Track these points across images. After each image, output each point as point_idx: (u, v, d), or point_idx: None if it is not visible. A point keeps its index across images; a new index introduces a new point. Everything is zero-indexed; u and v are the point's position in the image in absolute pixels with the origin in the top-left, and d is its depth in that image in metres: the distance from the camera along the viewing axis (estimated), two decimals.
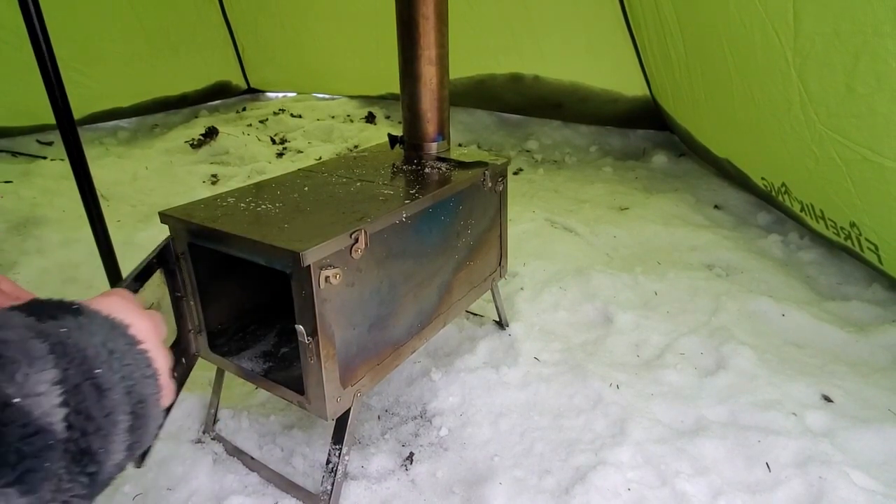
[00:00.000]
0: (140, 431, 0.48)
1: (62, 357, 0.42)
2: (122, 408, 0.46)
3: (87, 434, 0.42)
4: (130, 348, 0.49)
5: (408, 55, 1.54)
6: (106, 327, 0.49)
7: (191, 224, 1.15)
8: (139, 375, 0.49)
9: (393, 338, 1.30)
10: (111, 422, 0.44)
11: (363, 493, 1.27)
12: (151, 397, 0.50)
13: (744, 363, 1.64)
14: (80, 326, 0.47)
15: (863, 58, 1.46)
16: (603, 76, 3.60)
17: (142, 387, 0.49)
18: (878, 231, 1.76)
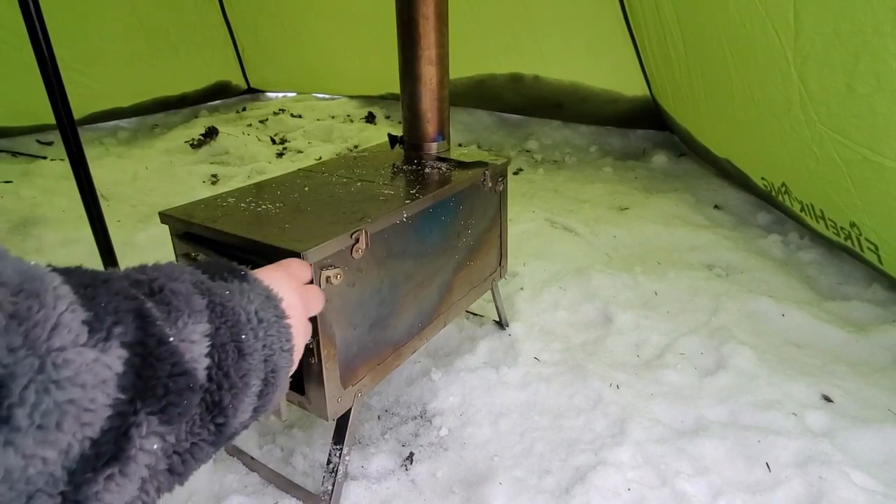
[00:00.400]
0: (267, 398, 0.51)
1: (217, 316, 0.47)
2: (256, 373, 0.49)
3: (222, 389, 0.45)
4: (278, 321, 0.53)
5: (408, 55, 1.54)
6: (262, 297, 0.53)
7: (191, 224, 1.15)
8: (278, 347, 0.52)
9: (393, 338, 1.30)
10: (245, 383, 0.47)
11: (363, 493, 1.27)
12: (283, 370, 0.53)
13: (744, 363, 1.64)
14: (241, 291, 0.51)
15: (863, 57, 1.46)
16: (603, 76, 3.60)
17: (278, 358, 0.52)
18: (878, 231, 1.76)
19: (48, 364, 0.32)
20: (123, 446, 0.36)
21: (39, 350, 0.31)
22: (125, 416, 0.36)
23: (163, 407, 0.39)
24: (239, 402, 0.47)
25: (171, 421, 0.40)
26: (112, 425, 0.35)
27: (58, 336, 0.32)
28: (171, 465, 0.42)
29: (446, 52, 1.57)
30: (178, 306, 0.44)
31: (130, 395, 0.37)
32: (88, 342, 0.34)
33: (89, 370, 0.33)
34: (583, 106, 3.81)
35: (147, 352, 0.39)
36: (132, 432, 0.37)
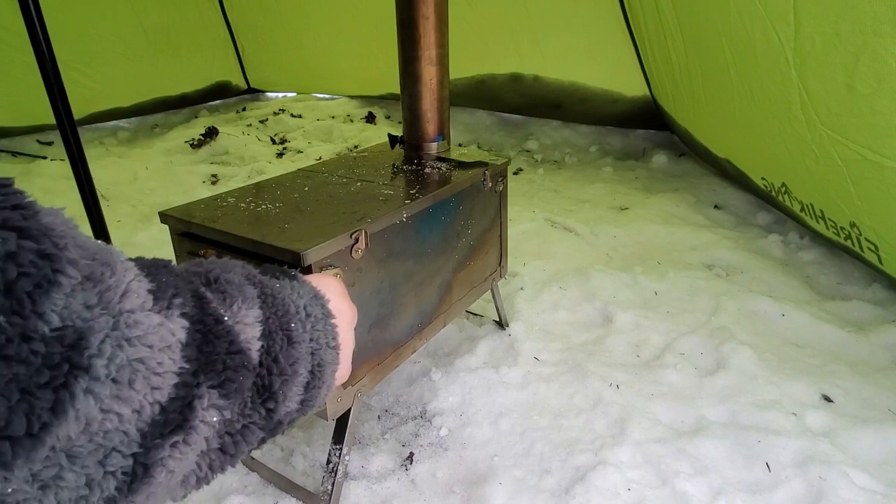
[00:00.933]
0: (313, 391, 0.53)
1: (268, 305, 0.49)
2: (303, 363, 0.51)
3: (272, 374, 0.48)
4: (325, 318, 0.56)
5: (408, 55, 1.54)
6: (310, 294, 0.56)
7: (191, 224, 1.15)
8: (324, 343, 0.55)
9: (393, 338, 1.30)
10: (293, 371, 0.50)
11: (363, 493, 1.27)
12: (329, 366, 0.55)
13: (744, 363, 1.64)
14: (291, 288, 0.55)
15: (863, 57, 1.46)
16: (603, 76, 3.60)
17: (324, 353, 0.55)
18: (878, 231, 1.76)
19: (121, 323, 0.34)
20: (188, 416, 0.39)
21: (113, 310, 0.34)
22: (189, 387, 0.39)
23: (221, 381, 0.42)
24: (287, 390, 0.49)
25: (228, 396, 0.42)
26: (178, 394, 0.38)
27: (127, 300, 0.36)
28: (223, 445, 0.44)
29: (446, 52, 1.57)
30: (232, 293, 0.47)
31: (194, 367, 0.40)
32: (154, 308, 0.37)
33: (155, 332, 0.36)
34: (583, 106, 3.81)
35: (206, 328, 0.42)
36: (195, 403, 0.39)
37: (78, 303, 0.33)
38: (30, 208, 0.32)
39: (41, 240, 0.31)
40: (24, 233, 0.31)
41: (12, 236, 0.30)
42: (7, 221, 0.30)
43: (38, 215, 0.32)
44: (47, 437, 0.31)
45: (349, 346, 0.61)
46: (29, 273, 0.30)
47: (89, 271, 0.34)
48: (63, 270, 0.32)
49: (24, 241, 0.31)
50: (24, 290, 0.30)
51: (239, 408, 0.45)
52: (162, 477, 0.38)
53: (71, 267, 0.33)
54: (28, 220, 0.31)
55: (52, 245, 0.32)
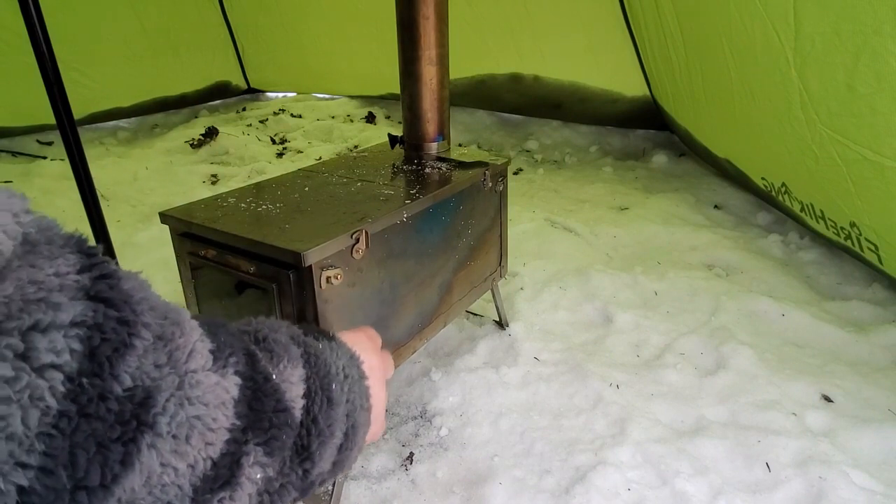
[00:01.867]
0: (346, 452, 0.54)
1: (311, 366, 0.51)
2: (340, 424, 0.52)
3: (311, 434, 0.49)
4: (360, 380, 0.57)
5: (408, 55, 1.54)
6: (347, 355, 0.58)
7: (191, 224, 1.15)
8: (359, 404, 0.56)
9: (394, 338, 1.30)
10: (330, 432, 0.51)
11: (363, 493, 1.27)
12: (362, 427, 0.57)
13: (744, 363, 1.64)
14: (330, 348, 0.56)
15: (863, 57, 1.46)
16: (603, 76, 3.60)
17: (358, 414, 0.56)
18: (878, 231, 1.76)
19: (185, 382, 0.37)
20: (235, 472, 0.40)
21: (179, 370, 0.37)
22: (238, 444, 0.41)
23: (267, 440, 0.43)
24: (324, 451, 0.51)
25: (272, 454, 0.44)
26: (228, 450, 0.40)
27: (192, 360, 0.38)
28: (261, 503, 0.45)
29: (446, 52, 1.57)
30: (279, 352, 0.49)
31: (243, 423, 0.41)
32: (213, 368, 0.40)
33: (212, 391, 0.39)
34: (583, 106, 3.81)
35: (256, 386, 0.43)
36: (242, 460, 0.41)
37: (149, 363, 0.35)
38: (114, 276, 0.35)
39: (122, 307, 0.34)
40: (108, 303, 0.34)
41: (101, 307, 0.33)
42: (98, 293, 0.33)
43: (120, 283, 0.35)
44: (116, 488, 0.33)
45: (382, 403, 0.61)
46: (109, 339, 0.33)
47: (160, 331, 0.37)
48: (138, 334, 0.35)
49: (109, 310, 0.33)
50: (104, 355, 0.32)
51: (279, 465, 0.45)
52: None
53: (145, 330, 0.35)
54: (113, 289, 0.34)
55: (130, 312, 0.34)
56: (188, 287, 1.23)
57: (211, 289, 1.19)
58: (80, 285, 0.33)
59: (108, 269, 0.35)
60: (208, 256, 1.14)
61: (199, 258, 1.16)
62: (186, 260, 1.20)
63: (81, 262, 0.34)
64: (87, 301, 0.33)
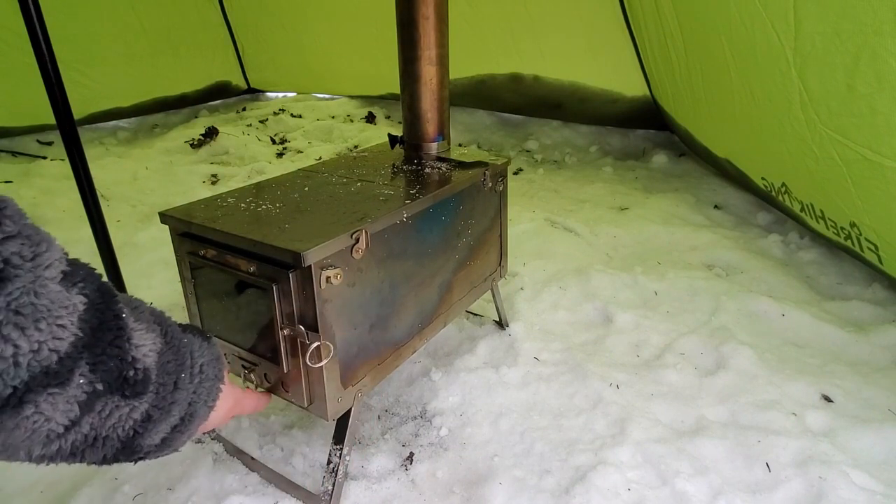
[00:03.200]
0: (176, 434, 0.62)
1: (168, 344, 0.60)
2: (179, 407, 0.61)
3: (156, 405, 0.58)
4: (215, 381, 0.66)
5: (408, 55, 1.54)
6: (213, 356, 0.66)
7: (191, 224, 1.15)
8: (204, 399, 0.64)
9: (394, 338, 1.30)
10: (168, 410, 0.60)
11: (363, 493, 1.27)
12: (198, 419, 0.64)
13: (744, 363, 1.64)
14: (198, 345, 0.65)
15: (863, 57, 1.46)
16: (603, 76, 3.60)
17: (200, 407, 0.64)
18: (878, 231, 1.76)
19: (37, 281, 0.48)
20: (70, 376, 0.50)
21: (38, 272, 0.48)
22: (78, 354, 0.51)
23: (96, 360, 0.53)
24: (159, 424, 0.59)
25: (96, 370, 0.53)
26: (71, 353, 0.50)
27: (49, 270, 0.49)
28: (88, 435, 0.54)
29: (446, 52, 1.57)
30: (142, 317, 0.59)
31: (85, 339, 0.51)
32: (61, 282, 0.50)
33: (57, 295, 0.49)
34: (582, 106, 3.81)
35: (102, 316, 0.53)
36: (76, 369, 0.51)
37: (11, 250, 0.46)
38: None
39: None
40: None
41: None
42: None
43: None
44: None
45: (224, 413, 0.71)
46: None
47: (29, 233, 0.48)
48: (3, 222, 0.46)
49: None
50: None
51: (111, 421, 0.55)
52: (29, 412, 0.49)
53: (8, 221, 0.47)
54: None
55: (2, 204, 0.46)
56: (188, 287, 1.23)
57: (211, 289, 1.19)
58: None
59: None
60: (208, 256, 1.14)
61: (198, 258, 1.16)
62: (186, 260, 1.20)
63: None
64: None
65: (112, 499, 1.27)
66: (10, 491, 1.30)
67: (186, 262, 1.20)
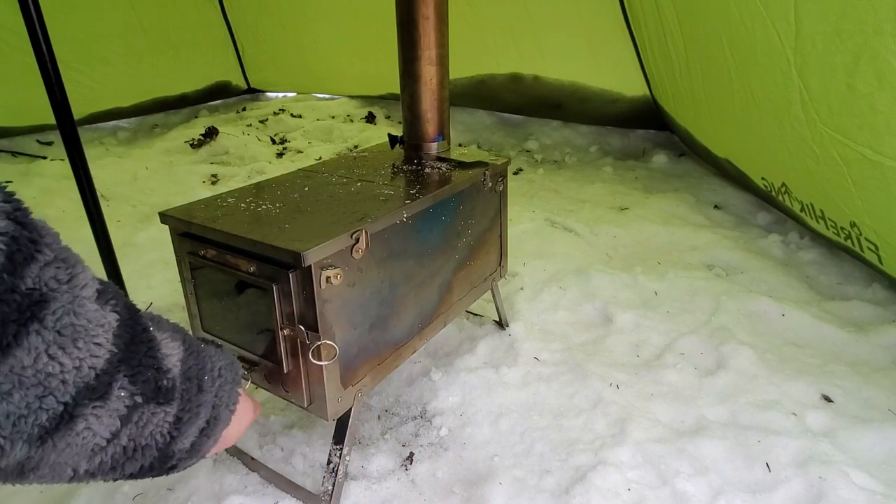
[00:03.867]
0: (203, 439, 0.65)
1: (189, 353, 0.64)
2: (206, 410, 0.64)
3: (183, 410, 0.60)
4: (233, 385, 0.69)
5: (408, 55, 1.54)
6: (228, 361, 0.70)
7: (191, 224, 1.15)
8: (225, 402, 0.67)
9: (393, 338, 1.30)
10: (196, 413, 0.63)
11: (363, 493, 1.27)
12: (222, 423, 0.67)
13: (744, 363, 1.64)
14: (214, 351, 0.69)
15: (864, 57, 1.46)
16: (603, 76, 3.60)
17: (222, 410, 0.67)
18: (878, 231, 1.76)
19: (76, 301, 0.50)
20: (108, 390, 0.52)
21: (75, 292, 0.50)
22: (114, 368, 0.53)
23: (134, 373, 0.55)
24: (189, 427, 0.62)
25: (136, 383, 0.55)
26: (108, 368, 0.52)
27: (85, 290, 0.51)
28: (127, 448, 0.56)
29: (446, 52, 1.57)
30: (164, 325, 0.62)
31: (120, 354, 0.53)
32: (97, 300, 0.53)
33: (94, 314, 0.52)
34: (583, 106, 3.81)
35: (133, 331, 0.56)
36: (114, 382, 0.53)
37: (49, 276, 0.48)
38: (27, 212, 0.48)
39: (32, 231, 0.48)
40: (24, 226, 0.47)
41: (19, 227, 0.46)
42: (16, 218, 0.46)
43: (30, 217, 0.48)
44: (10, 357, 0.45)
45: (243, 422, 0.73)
46: (22, 250, 0.46)
47: (64, 256, 0.51)
48: (41, 252, 0.48)
49: (24, 231, 0.47)
50: (18, 261, 0.46)
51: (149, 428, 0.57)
52: (81, 428, 0.51)
53: (47, 249, 0.49)
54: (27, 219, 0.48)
55: (37, 235, 0.48)
56: (188, 287, 1.23)
57: (211, 289, 1.19)
58: (6, 211, 0.46)
59: (23, 205, 0.48)
60: (208, 256, 1.14)
61: (198, 258, 1.16)
62: (186, 260, 1.20)
63: (4, 197, 0.46)
64: (8, 221, 0.46)
65: (112, 499, 1.27)
66: (10, 490, 1.30)
67: (186, 262, 1.20)
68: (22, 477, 0.51)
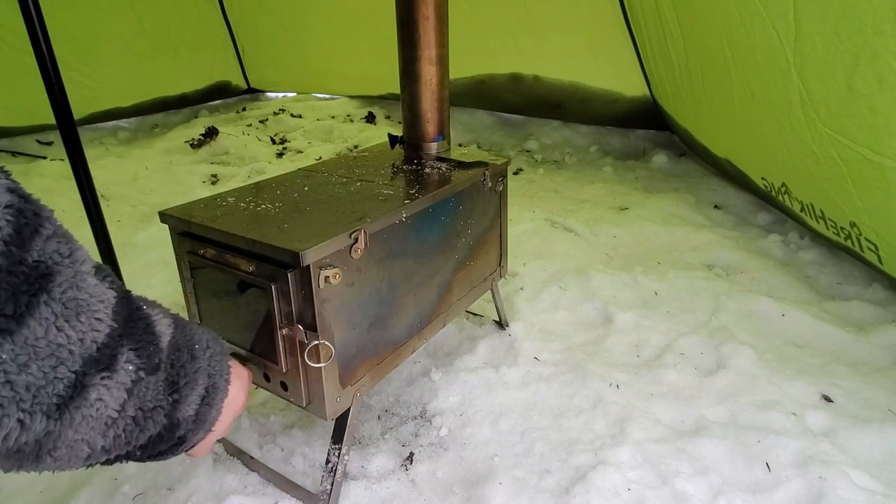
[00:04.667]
0: (206, 408, 0.67)
1: (177, 327, 0.65)
2: (202, 377, 0.66)
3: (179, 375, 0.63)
4: (222, 355, 0.71)
5: (408, 55, 1.54)
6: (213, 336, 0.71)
7: (191, 224, 1.15)
8: (219, 373, 0.69)
9: (393, 338, 1.30)
10: (193, 378, 0.65)
11: (363, 493, 1.27)
12: (220, 392, 0.69)
13: (744, 363, 1.64)
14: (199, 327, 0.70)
15: (863, 57, 1.46)
16: (603, 76, 3.60)
17: (218, 379, 0.68)
18: (878, 231, 1.76)
19: (77, 276, 0.52)
20: (113, 361, 0.54)
21: (76, 267, 0.52)
22: (116, 342, 0.55)
23: (137, 347, 0.57)
24: (189, 392, 0.64)
25: (141, 356, 0.57)
26: (108, 343, 0.54)
27: (85, 265, 0.53)
28: (136, 417, 0.58)
29: (446, 52, 1.57)
30: (151, 303, 0.64)
31: (120, 329, 0.55)
32: (95, 276, 0.55)
33: (94, 288, 0.54)
34: (583, 106, 3.81)
35: (129, 309, 0.58)
36: (118, 355, 0.55)
37: (52, 249, 0.50)
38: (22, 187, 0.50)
39: (34, 204, 0.50)
40: (27, 199, 0.49)
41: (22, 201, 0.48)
42: (19, 192, 0.49)
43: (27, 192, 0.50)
44: (24, 328, 0.47)
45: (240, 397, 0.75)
46: (28, 223, 0.48)
47: (63, 232, 0.52)
48: (44, 225, 0.50)
49: (27, 204, 0.49)
50: (26, 233, 0.48)
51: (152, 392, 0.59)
52: (93, 398, 0.52)
53: (48, 223, 0.51)
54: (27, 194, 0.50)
55: (39, 208, 0.50)
56: (188, 286, 1.23)
57: (210, 288, 1.19)
58: (8, 186, 0.47)
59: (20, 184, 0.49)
60: (207, 256, 1.14)
61: (198, 257, 1.16)
62: (186, 259, 1.20)
63: (6, 174, 0.48)
64: (12, 194, 0.47)
65: (112, 499, 1.27)
66: (10, 490, 1.30)
67: (186, 262, 1.20)
68: (39, 460, 0.51)
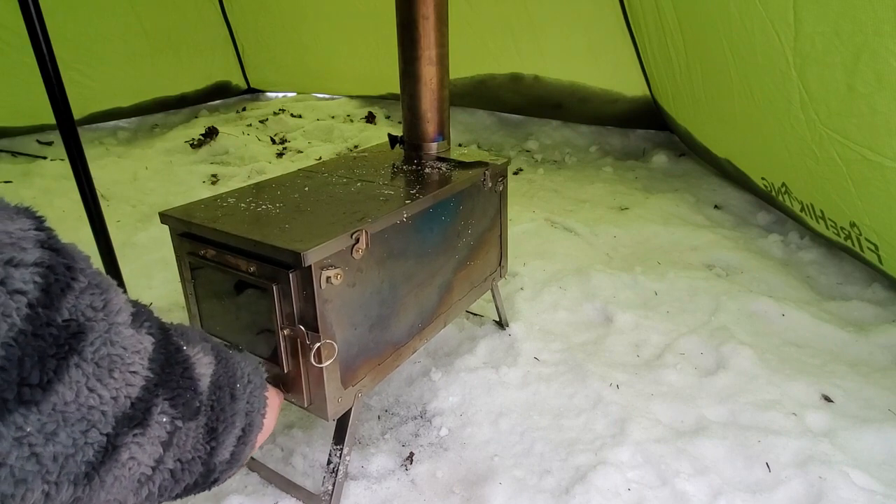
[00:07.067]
0: (241, 447, 0.64)
1: (220, 362, 0.62)
2: (240, 418, 0.63)
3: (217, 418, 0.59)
4: (261, 388, 0.69)
5: (408, 55, 1.54)
6: (253, 365, 0.70)
7: (191, 224, 1.15)
8: (257, 408, 0.67)
9: (394, 338, 1.30)
10: (232, 421, 0.62)
11: (363, 493, 1.27)
12: (256, 428, 0.67)
13: (744, 363, 1.64)
14: (240, 356, 0.69)
15: (863, 57, 1.46)
16: (603, 76, 3.60)
17: (255, 416, 0.66)
18: (878, 231, 1.76)
19: (112, 329, 0.48)
20: (146, 416, 0.51)
21: (111, 319, 0.49)
22: (151, 394, 0.51)
23: (173, 396, 0.54)
24: (227, 437, 0.61)
25: (176, 406, 0.54)
26: (144, 396, 0.50)
27: (120, 315, 0.50)
28: (174, 470, 0.55)
29: (446, 52, 1.57)
30: (193, 340, 0.61)
31: (156, 378, 0.52)
32: (132, 325, 0.51)
33: (130, 340, 0.50)
34: (583, 106, 3.81)
35: (167, 352, 0.54)
36: (153, 408, 0.51)
37: (85, 304, 0.47)
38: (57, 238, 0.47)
39: (67, 257, 0.46)
40: (59, 253, 0.46)
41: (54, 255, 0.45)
42: (51, 245, 0.45)
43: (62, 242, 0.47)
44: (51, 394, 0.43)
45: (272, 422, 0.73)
46: (59, 279, 0.45)
47: (98, 281, 0.49)
48: (77, 278, 0.47)
49: (59, 258, 0.45)
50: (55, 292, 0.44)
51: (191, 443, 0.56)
52: (125, 458, 0.49)
53: (82, 275, 0.47)
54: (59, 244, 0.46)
55: (72, 260, 0.47)
56: (188, 287, 1.23)
57: (211, 289, 1.19)
58: (37, 238, 0.45)
59: (53, 231, 0.47)
60: (208, 256, 1.14)
61: (198, 258, 1.16)
62: (186, 260, 1.20)
63: (36, 224, 0.46)
64: (43, 249, 0.45)
65: None
66: None
67: (186, 263, 1.20)
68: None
